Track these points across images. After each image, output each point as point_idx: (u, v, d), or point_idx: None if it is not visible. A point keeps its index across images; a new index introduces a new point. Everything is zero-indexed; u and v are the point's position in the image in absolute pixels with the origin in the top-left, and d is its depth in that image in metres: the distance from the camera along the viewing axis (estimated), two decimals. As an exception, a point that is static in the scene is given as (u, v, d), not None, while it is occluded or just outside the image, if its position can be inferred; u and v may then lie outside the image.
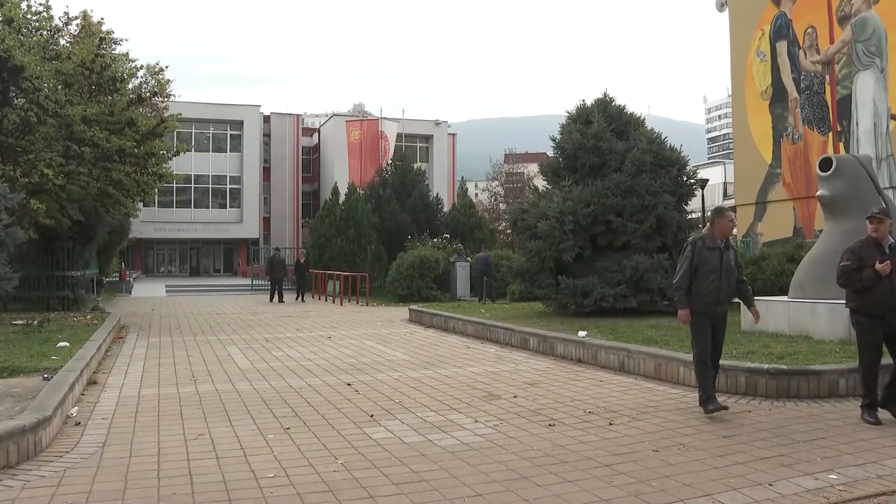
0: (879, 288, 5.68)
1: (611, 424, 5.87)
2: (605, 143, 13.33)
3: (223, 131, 48.38)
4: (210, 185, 48.15)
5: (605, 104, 14.26)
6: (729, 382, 6.99)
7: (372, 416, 6.32)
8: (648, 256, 12.58)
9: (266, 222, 49.22)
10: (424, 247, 23.71)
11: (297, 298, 23.50)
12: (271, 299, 23.08)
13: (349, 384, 7.90)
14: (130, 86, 16.56)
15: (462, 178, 48.98)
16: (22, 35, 14.86)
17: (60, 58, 15.11)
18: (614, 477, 4.51)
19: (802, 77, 20.06)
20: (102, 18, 16.92)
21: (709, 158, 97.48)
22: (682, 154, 13.77)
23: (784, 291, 10.50)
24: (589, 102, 14.53)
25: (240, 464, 4.88)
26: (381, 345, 11.50)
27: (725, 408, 6.03)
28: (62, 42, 16.38)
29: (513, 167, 61.85)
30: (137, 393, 7.44)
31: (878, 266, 5.62)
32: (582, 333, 9.95)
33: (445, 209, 31.32)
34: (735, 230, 5.57)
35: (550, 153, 15.07)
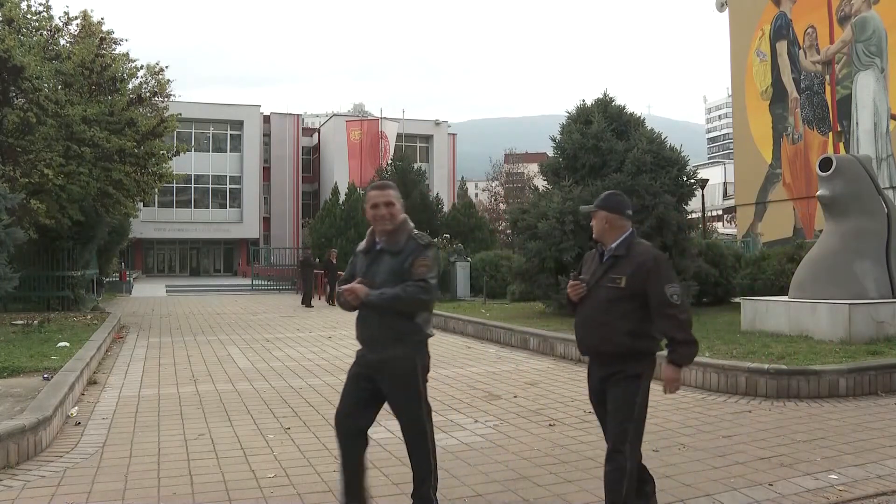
0: (578, 313, 3.75)
1: (611, 424, 5.86)
2: (605, 143, 13.33)
3: (223, 131, 48.42)
4: (210, 185, 48.19)
5: (605, 104, 14.26)
6: (729, 382, 6.99)
7: (372, 416, 6.31)
8: (648, 256, 12.56)
9: (266, 222, 49.25)
10: (424, 247, 23.66)
11: (330, 302, 22.03)
12: (310, 303, 21.59)
13: (349, 384, 7.89)
14: (130, 86, 16.58)
15: (462, 178, 49.12)
16: (22, 35, 14.88)
17: (60, 58, 15.12)
18: (614, 477, 4.50)
19: (802, 77, 20.07)
20: (102, 18, 16.95)
21: (709, 158, 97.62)
22: (682, 154, 13.76)
23: (784, 291, 10.50)
24: (589, 102, 14.53)
25: (240, 464, 4.88)
26: (381, 345, 11.48)
27: None
28: (62, 42, 16.39)
29: (513, 167, 61.89)
30: (137, 393, 7.44)
31: (569, 286, 3.77)
32: (582, 333, 9.93)
33: (445, 209, 31.33)
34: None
35: (550, 153, 15.07)
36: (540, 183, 16.72)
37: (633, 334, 3.53)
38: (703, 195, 24.81)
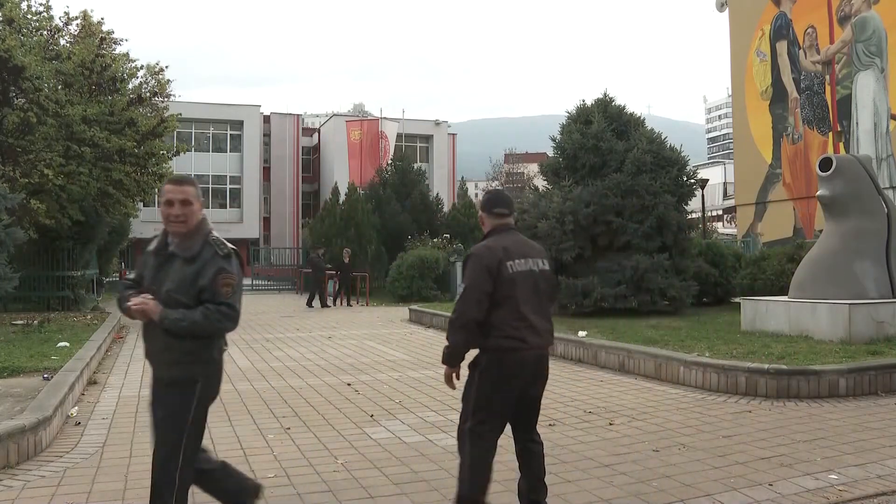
0: None
1: (611, 424, 5.87)
2: (605, 143, 13.33)
3: (223, 131, 48.40)
4: (210, 185, 48.13)
5: (605, 104, 14.27)
6: (729, 382, 6.99)
7: (372, 416, 6.32)
8: (648, 256, 12.58)
9: (266, 222, 49.23)
10: (424, 247, 23.71)
11: (347, 303, 21.52)
12: (325, 303, 20.99)
13: (349, 384, 7.90)
14: (130, 86, 16.61)
15: (462, 178, 49.01)
16: (22, 35, 14.88)
17: (60, 58, 15.13)
18: (614, 477, 4.51)
19: (802, 77, 20.07)
20: (102, 18, 16.98)
21: (709, 158, 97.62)
22: (682, 154, 13.78)
23: (784, 291, 10.51)
24: (589, 102, 14.54)
25: (240, 464, 4.86)
26: (381, 345, 11.50)
27: None
28: (62, 42, 16.41)
29: (513, 167, 61.97)
30: (137, 393, 7.43)
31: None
32: (582, 333, 9.96)
33: (445, 209, 31.33)
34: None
35: (550, 153, 15.07)
36: (540, 183, 16.73)
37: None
38: (703, 195, 24.82)
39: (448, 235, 26.29)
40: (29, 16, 15.57)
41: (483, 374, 3.56)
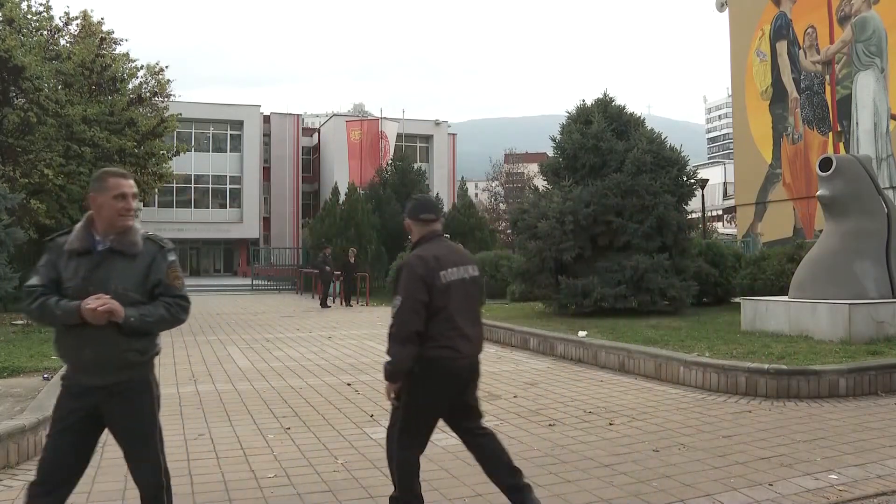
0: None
1: (611, 424, 5.87)
2: (605, 143, 13.33)
3: (223, 131, 48.37)
4: (210, 185, 48.14)
5: (605, 104, 14.26)
6: (729, 382, 7.00)
7: (372, 416, 6.32)
8: (648, 256, 12.58)
9: (266, 222, 49.21)
10: (424, 247, 23.68)
11: (345, 303, 21.28)
12: (325, 303, 20.78)
13: (349, 384, 7.90)
14: (130, 86, 16.65)
15: (462, 178, 48.94)
16: (22, 35, 14.90)
17: (61, 58, 15.16)
18: (614, 477, 4.51)
19: (802, 77, 20.07)
20: (103, 18, 17.02)
21: (709, 158, 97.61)
22: (682, 154, 13.77)
23: (784, 291, 10.50)
24: (589, 102, 14.54)
25: (240, 464, 4.88)
26: (381, 345, 11.49)
27: None
28: (62, 42, 16.44)
29: (513, 167, 61.92)
30: (137, 393, 7.43)
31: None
32: (582, 333, 9.96)
33: (445, 209, 31.33)
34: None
35: (550, 153, 15.07)
36: (540, 183, 16.71)
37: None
38: (703, 195, 24.81)
39: (448, 235, 26.21)
40: (29, 16, 15.60)
41: (416, 382, 3.53)
